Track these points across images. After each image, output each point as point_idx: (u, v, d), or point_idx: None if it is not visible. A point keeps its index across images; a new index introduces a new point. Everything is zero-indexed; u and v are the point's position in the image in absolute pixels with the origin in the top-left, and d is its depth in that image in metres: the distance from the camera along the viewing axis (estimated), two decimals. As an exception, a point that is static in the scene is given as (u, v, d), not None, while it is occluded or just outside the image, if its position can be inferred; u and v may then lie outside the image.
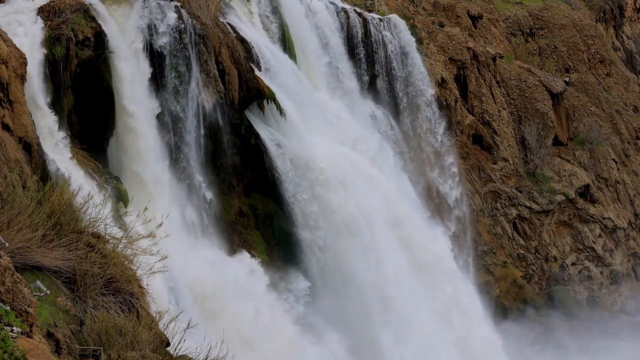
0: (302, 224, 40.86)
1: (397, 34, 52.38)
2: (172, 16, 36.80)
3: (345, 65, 48.92)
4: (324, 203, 41.25)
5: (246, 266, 37.41)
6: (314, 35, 47.08)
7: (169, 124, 36.71)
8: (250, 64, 40.07)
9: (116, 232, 19.10)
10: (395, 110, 51.76)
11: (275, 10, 44.84)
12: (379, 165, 46.44)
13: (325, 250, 40.91)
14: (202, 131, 37.89)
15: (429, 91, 53.57)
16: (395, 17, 53.56)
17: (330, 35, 48.35)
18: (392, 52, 51.66)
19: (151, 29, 36.25)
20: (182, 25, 36.92)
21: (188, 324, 17.41)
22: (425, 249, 45.91)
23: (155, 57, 36.25)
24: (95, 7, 35.08)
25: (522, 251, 56.53)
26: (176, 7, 37.29)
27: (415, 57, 52.77)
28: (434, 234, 48.59)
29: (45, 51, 33.09)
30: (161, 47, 36.38)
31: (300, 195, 40.87)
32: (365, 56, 50.46)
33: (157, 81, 36.25)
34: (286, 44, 44.74)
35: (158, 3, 36.78)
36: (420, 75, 53.09)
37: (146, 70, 35.95)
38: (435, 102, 54.08)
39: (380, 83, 51.10)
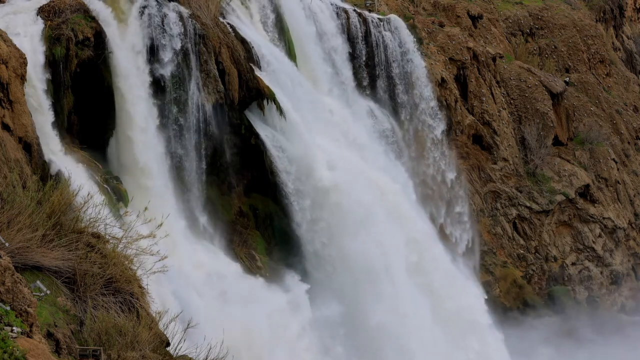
0: (316, 266, 39.35)
1: (397, 34, 52.36)
2: (176, 31, 36.43)
3: (345, 66, 48.87)
4: (343, 248, 38.82)
5: (292, 296, 35.73)
6: (314, 35, 47.04)
7: (174, 164, 36.31)
8: (250, 64, 40.07)
9: (116, 232, 19.09)
10: (395, 112, 51.48)
11: (276, 11, 44.82)
12: (404, 197, 43.82)
13: (341, 295, 38.51)
14: (203, 153, 37.28)
15: (439, 127, 52.09)
16: (395, 17, 53.56)
17: (330, 35, 48.32)
18: (391, 52, 51.60)
19: (155, 55, 35.83)
20: (189, 45, 36.59)
21: (188, 324, 17.39)
22: (452, 298, 42.94)
23: (158, 86, 35.96)
24: (107, 33, 34.71)
25: (522, 251, 56.53)
26: (180, 16, 37.04)
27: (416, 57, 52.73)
28: (463, 280, 45.65)
29: (45, 51, 33.07)
30: (164, 79, 36.10)
31: (318, 240, 39.25)
32: (366, 57, 50.42)
33: (161, 117, 36.00)
34: (286, 44, 44.73)
35: (163, 15, 36.32)
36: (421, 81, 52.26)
37: (155, 112, 35.51)
38: (445, 139, 52.53)
39: (380, 84, 51.04)
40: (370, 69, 50.51)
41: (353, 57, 49.69)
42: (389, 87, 51.12)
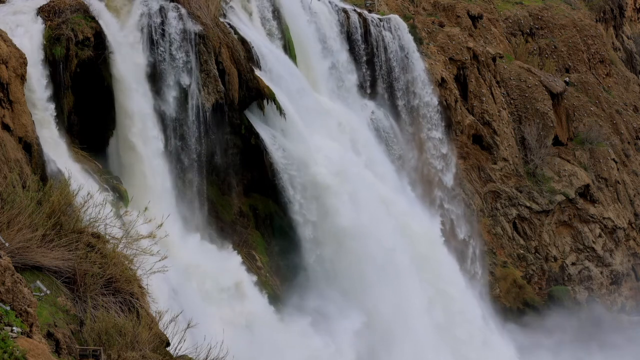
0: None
1: (397, 34, 52.31)
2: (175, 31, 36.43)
3: (345, 66, 48.79)
4: (362, 303, 36.27)
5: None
6: (314, 36, 46.97)
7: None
8: (250, 64, 40.05)
9: (116, 232, 19.06)
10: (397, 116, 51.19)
11: (275, 11, 44.79)
12: (436, 245, 41.36)
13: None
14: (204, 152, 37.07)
15: (450, 172, 50.06)
16: (395, 17, 53.55)
17: (330, 35, 48.26)
18: (392, 52, 51.49)
19: (154, 54, 35.85)
20: (187, 44, 36.55)
21: (188, 324, 17.35)
22: None
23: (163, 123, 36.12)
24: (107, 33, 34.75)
25: (522, 251, 56.51)
26: (180, 16, 37.07)
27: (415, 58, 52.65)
28: (494, 341, 42.51)
29: (45, 51, 33.04)
30: (170, 118, 36.09)
31: (338, 292, 37.28)
32: (366, 57, 50.37)
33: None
34: (286, 44, 44.70)
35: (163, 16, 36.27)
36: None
37: (165, 168, 35.44)
38: (457, 189, 50.48)
39: (380, 86, 50.94)
40: (370, 69, 50.46)
41: (353, 57, 49.65)
42: (389, 88, 51.02)
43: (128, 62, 34.55)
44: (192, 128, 37.06)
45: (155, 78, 35.78)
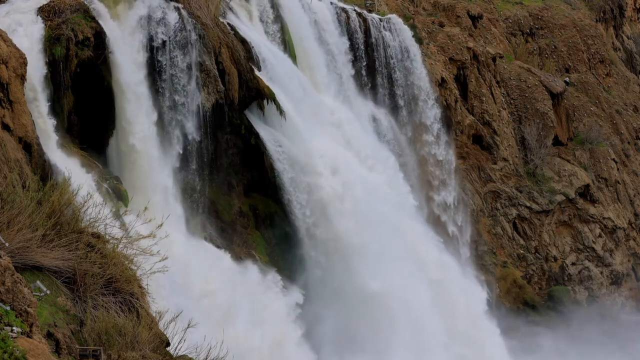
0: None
1: (397, 34, 52.31)
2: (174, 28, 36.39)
3: (345, 67, 48.78)
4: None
5: None
6: (314, 36, 46.96)
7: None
8: (250, 64, 40.04)
9: (116, 232, 19.04)
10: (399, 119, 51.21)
11: (275, 11, 44.80)
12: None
13: None
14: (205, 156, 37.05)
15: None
16: (395, 17, 53.57)
17: (330, 35, 48.26)
18: (392, 52, 51.47)
19: (153, 47, 35.86)
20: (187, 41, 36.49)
21: (188, 324, 17.34)
22: None
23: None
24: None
25: (522, 251, 56.51)
26: (180, 16, 37.12)
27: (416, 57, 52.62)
28: None
29: (45, 51, 33.03)
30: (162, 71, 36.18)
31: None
32: (366, 57, 50.36)
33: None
34: (286, 44, 44.71)
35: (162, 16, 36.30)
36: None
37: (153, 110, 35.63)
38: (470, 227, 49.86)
39: (380, 86, 50.93)
40: (370, 69, 50.44)
41: (353, 57, 49.64)
42: (389, 87, 50.99)
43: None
44: (191, 128, 37.07)
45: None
